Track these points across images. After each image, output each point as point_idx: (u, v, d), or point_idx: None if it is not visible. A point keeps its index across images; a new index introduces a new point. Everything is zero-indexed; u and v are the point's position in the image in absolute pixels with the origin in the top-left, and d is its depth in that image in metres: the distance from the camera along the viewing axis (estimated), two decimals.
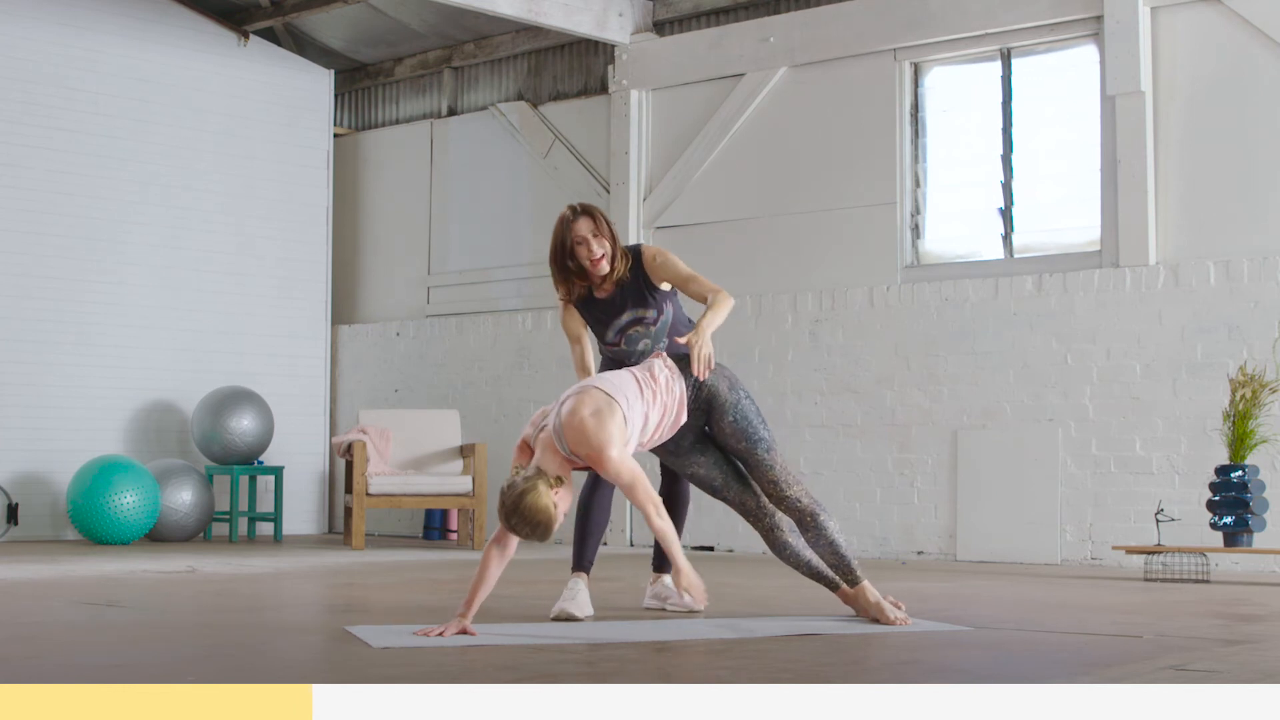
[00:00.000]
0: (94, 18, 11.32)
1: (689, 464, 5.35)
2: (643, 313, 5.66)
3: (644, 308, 5.66)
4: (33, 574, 7.65)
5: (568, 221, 5.64)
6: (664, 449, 5.34)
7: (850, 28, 10.15)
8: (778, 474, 5.28)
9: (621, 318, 5.66)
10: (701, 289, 5.56)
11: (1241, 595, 6.87)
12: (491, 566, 4.93)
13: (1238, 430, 7.87)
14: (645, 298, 5.66)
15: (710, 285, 5.56)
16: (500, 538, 4.94)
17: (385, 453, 10.69)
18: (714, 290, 5.50)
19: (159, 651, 4.59)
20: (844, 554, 5.27)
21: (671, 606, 5.80)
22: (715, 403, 5.25)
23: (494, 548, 4.94)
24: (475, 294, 12.02)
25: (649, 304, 5.67)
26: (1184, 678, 3.96)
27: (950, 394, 9.61)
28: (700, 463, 5.34)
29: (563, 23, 10.73)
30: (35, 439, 10.89)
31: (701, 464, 5.35)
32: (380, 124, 13.10)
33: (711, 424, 5.29)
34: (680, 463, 5.37)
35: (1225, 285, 8.70)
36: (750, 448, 5.27)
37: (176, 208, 11.68)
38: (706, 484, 5.38)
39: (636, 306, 5.66)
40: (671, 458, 5.37)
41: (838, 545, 5.26)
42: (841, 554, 5.27)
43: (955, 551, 9.52)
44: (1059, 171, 9.58)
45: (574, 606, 5.53)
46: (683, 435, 5.28)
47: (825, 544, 5.26)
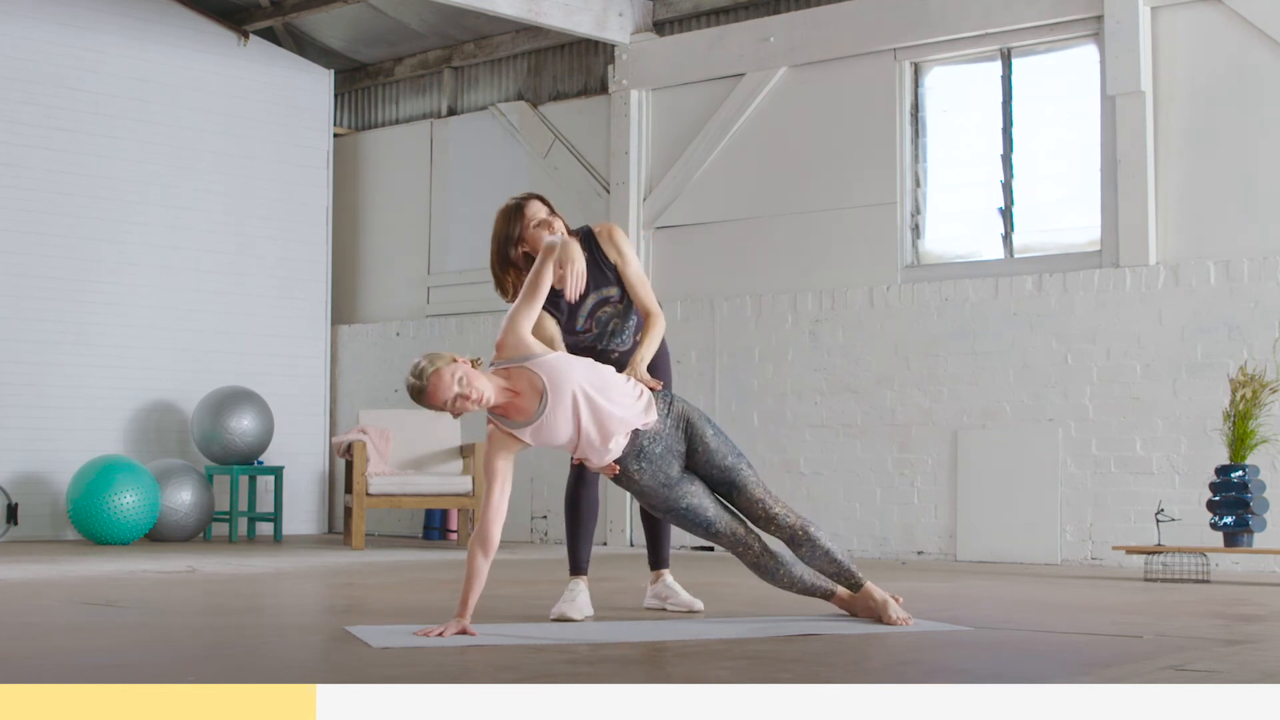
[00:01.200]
0: (94, 18, 11.32)
1: (682, 494, 5.16)
2: (607, 291, 5.60)
3: (607, 286, 5.60)
4: (33, 574, 7.65)
5: (516, 209, 5.59)
6: (654, 483, 5.13)
7: (850, 28, 10.15)
8: (763, 493, 5.19)
9: (588, 301, 5.60)
10: (641, 299, 5.53)
11: (1241, 595, 6.87)
12: (478, 563, 4.92)
13: (1238, 430, 7.87)
14: (605, 275, 5.59)
15: (650, 300, 5.53)
16: (480, 534, 4.93)
17: (385, 453, 10.69)
18: (652, 312, 5.49)
19: (159, 651, 4.59)
20: (841, 560, 5.23)
21: (672, 606, 5.80)
22: (691, 420, 5.17)
23: (476, 545, 4.93)
24: (475, 294, 12.02)
25: (610, 281, 5.60)
26: (1184, 678, 3.96)
27: (950, 394, 9.61)
28: (692, 491, 5.17)
29: (563, 23, 10.73)
30: (35, 439, 10.89)
31: (694, 493, 5.17)
32: (380, 124, 13.10)
33: (692, 447, 5.17)
34: (673, 494, 5.15)
35: (1225, 285, 8.70)
36: (735, 463, 5.17)
37: (176, 208, 11.68)
38: (700, 515, 5.17)
39: (600, 286, 5.59)
40: (664, 490, 5.14)
41: (833, 553, 5.21)
42: (839, 561, 5.23)
43: (955, 551, 9.52)
44: (1059, 171, 9.58)
45: (572, 609, 5.52)
46: (669, 464, 5.13)
47: (821, 555, 5.21)
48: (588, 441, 5.02)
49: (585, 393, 4.97)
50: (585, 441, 5.02)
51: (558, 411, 4.94)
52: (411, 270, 12.59)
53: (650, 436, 5.10)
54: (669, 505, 5.17)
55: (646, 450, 5.09)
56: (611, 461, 5.07)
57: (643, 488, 5.14)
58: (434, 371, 4.84)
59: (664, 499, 5.16)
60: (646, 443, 5.09)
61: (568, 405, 4.95)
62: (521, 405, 4.97)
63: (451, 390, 4.82)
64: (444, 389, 4.82)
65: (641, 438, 5.08)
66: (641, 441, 5.08)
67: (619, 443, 5.05)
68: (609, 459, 5.07)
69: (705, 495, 5.19)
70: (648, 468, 5.10)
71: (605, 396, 5.01)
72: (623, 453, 5.07)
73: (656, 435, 5.11)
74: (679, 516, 5.19)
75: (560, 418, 4.95)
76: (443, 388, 4.82)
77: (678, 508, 5.17)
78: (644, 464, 5.10)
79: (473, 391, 4.83)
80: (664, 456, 5.12)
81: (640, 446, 5.08)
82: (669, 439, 5.14)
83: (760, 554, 5.22)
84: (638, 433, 5.07)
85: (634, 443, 5.07)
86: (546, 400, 4.93)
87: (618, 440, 5.04)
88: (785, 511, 5.17)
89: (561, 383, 4.95)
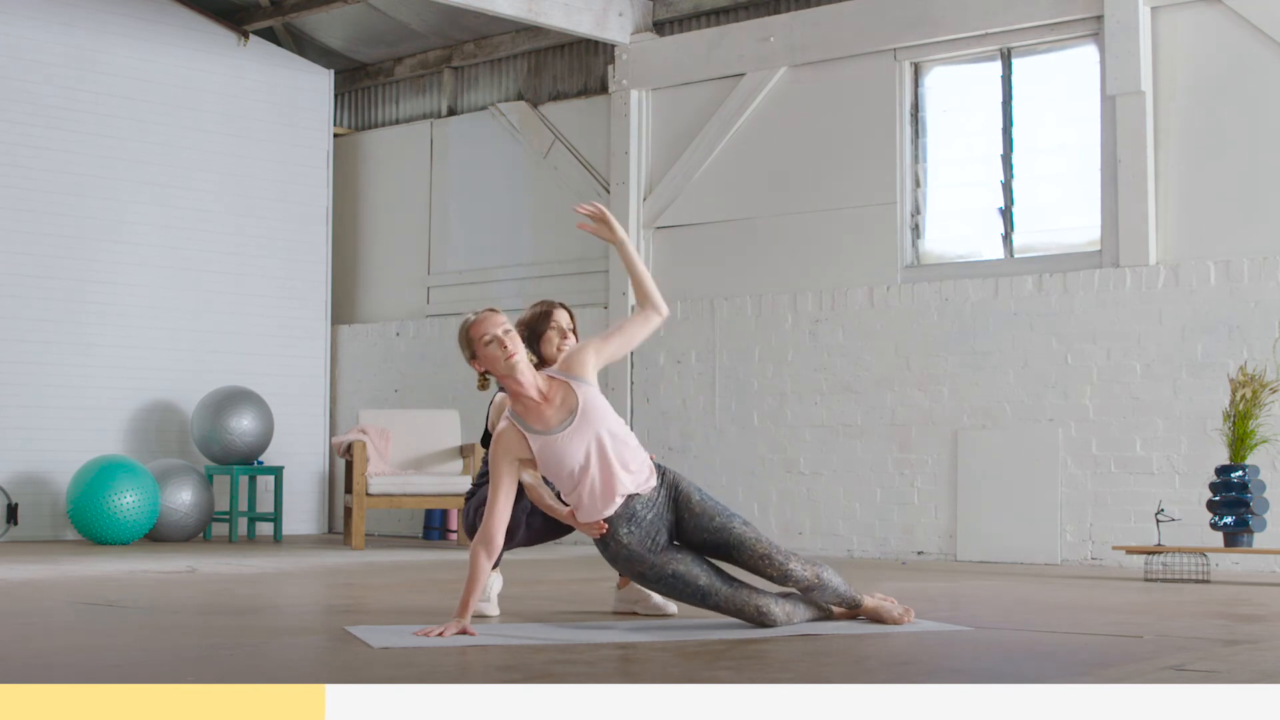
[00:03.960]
0: (94, 18, 11.32)
1: (669, 559, 5.06)
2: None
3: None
4: (33, 574, 7.65)
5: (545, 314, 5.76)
6: (641, 548, 5.05)
7: (850, 28, 10.15)
8: (766, 546, 5.05)
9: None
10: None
11: (1241, 595, 6.87)
12: (482, 563, 4.93)
13: (1238, 430, 7.87)
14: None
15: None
16: (485, 535, 4.94)
17: (385, 453, 10.69)
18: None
19: (159, 651, 4.59)
20: (845, 592, 5.21)
21: (643, 610, 5.75)
22: (679, 486, 5.14)
23: (480, 546, 4.94)
24: (475, 294, 12.02)
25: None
26: (1184, 678, 3.96)
27: (950, 394, 9.61)
28: (679, 559, 5.06)
29: (563, 23, 10.73)
30: (35, 439, 10.89)
31: (681, 559, 5.06)
32: (380, 124, 13.10)
33: (680, 515, 5.11)
34: (660, 559, 5.06)
35: (1225, 285, 8.70)
36: (726, 522, 5.08)
37: (176, 207, 11.68)
38: (690, 583, 5.05)
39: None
40: (651, 555, 5.06)
41: (839, 589, 5.18)
42: (844, 594, 5.21)
43: (955, 551, 9.52)
44: (1059, 171, 9.58)
45: (488, 606, 5.62)
46: (657, 531, 5.08)
47: (830, 593, 5.17)
48: (589, 486, 5.00)
49: (608, 437, 4.98)
50: (587, 484, 4.99)
51: (575, 438, 4.95)
52: (411, 270, 12.58)
53: (644, 502, 5.08)
54: (658, 572, 5.07)
55: (639, 515, 5.07)
56: (601, 520, 5.05)
57: (631, 552, 5.06)
58: (490, 310, 5.01)
59: (651, 564, 5.07)
60: (640, 507, 5.07)
61: (589, 437, 4.96)
62: (545, 415, 4.98)
63: (497, 329, 4.94)
64: (492, 325, 4.95)
65: (635, 502, 5.06)
66: (635, 505, 5.06)
67: (615, 504, 5.04)
68: (600, 515, 5.05)
69: (695, 563, 5.08)
70: (637, 531, 5.06)
71: (618, 452, 5.00)
72: (615, 512, 5.05)
73: (650, 501, 5.09)
74: (669, 584, 5.07)
75: (576, 444, 4.95)
76: (491, 324, 4.95)
77: (665, 573, 5.06)
78: (634, 528, 5.06)
79: (511, 344, 4.92)
80: (654, 524, 5.09)
81: (633, 510, 5.06)
82: (660, 506, 5.11)
83: (757, 615, 5.07)
84: (633, 496, 5.06)
85: (627, 505, 5.05)
86: (574, 419, 4.95)
87: (614, 503, 5.03)
88: (799, 566, 5.05)
89: (593, 413, 4.97)
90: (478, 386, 5.22)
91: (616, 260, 11.01)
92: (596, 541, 5.11)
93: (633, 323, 5.18)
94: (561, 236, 11.62)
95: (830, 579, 5.12)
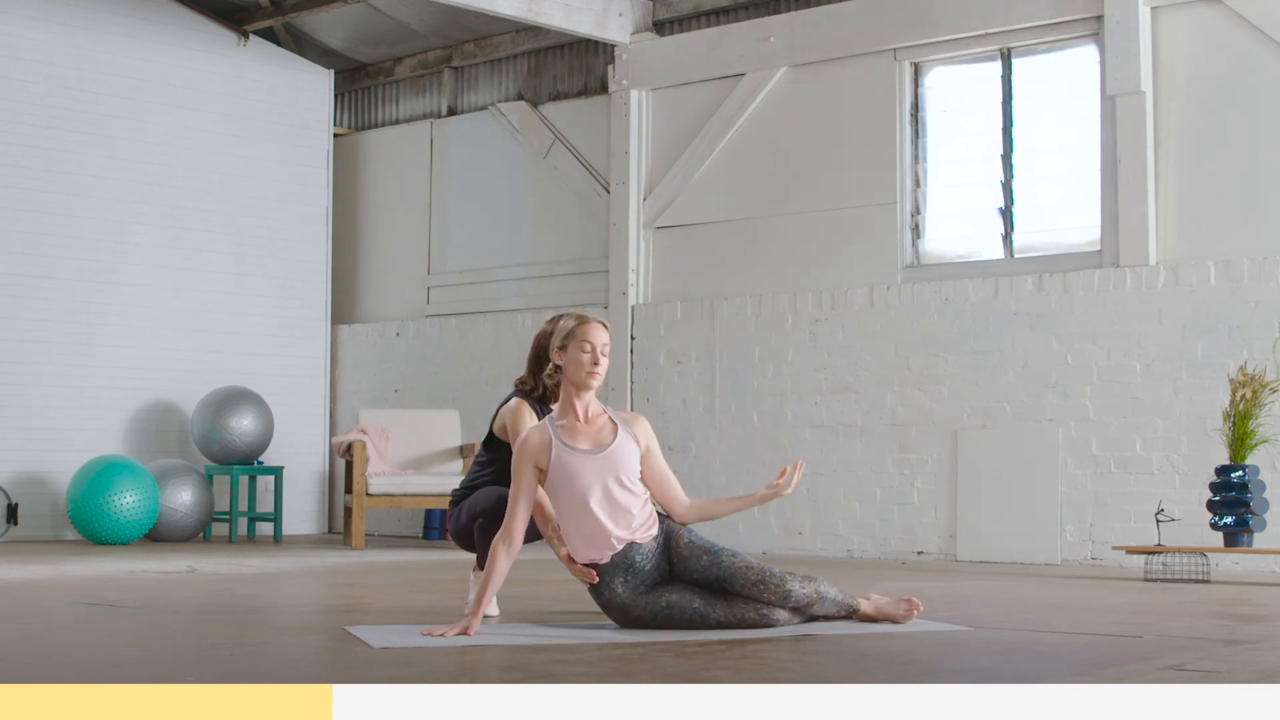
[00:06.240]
0: (94, 18, 11.32)
1: (660, 597, 5.05)
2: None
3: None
4: (33, 574, 7.65)
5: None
6: (634, 594, 5.05)
7: (850, 28, 10.15)
8: (758, 571, 5.03)
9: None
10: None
11: (1241, 595, 6.87)
12: (502, 562, 4.96)
13: (1238, 430, 7.87)
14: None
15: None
16: (506, 534, 4.96)
17: (385, 453, 10.69)
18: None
19: (159, 651, 4.59)
20: (843, 601, 5.23)
21: None
22: (672, 533, 5.15)
23: (501, 544, 4.96)
24: (475, 294, 12.02)
25: None
26: (1184, 678, 3.96)
27: (950, 394, 9.61)
28: (669, 589, 5.06)
29: (563, 23, 10.73)
30: (35, 439, 10.89)
31: (672, 590, 5.06)
32: (380, 124, 13.10)
33: (672, 562, 5.11)
34: (651, 596, 5.05)
35: (1225, 285, 8.70)
36: (714, 557, 5.07)
37: (176, 207, 11.68)
38: (686, 608, 5.03)
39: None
40: (643, 598, 5.05)
41: (837, 599, 5.19)
42: (841, 602, 5.22)
43: (955, 551, 9.52)
44: (1059, 171, 9.58)
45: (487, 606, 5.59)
46: (651, 578, 5.08)
47: (830, 604, 5.19)
48: (592, 518, 5.00)
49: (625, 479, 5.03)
50: (590, 515, 5.00)
51: (593, 465, 4.99)
52: (411, 270, 12.58)
53: (643, 552, 5.07)
54: (652, 610, 5.05)
55: (636, 565, 5.06)
56: (593, 571, 5.04)
57: (623, 601, 5.06)
58: (604, 324, 5.16)
59: (644, 605, 5.06)
60: (639, 558, 5.06)
61: (605, 473, 5.00)
62: (579, 433, 5.04)
63: (604, 341, 5.10)
64: (602, 336, 5.11)
65: (634, 552, 5.05)
66: (634, 556, 5.05)
67: (611, 549, 5.03)
68: (595, 556, 5.03)
69: (687, 590, 5.07)
70: (632, 580, 5.06)
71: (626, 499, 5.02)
72: (611, 560, 5.04)
73: (649, 553, 5.09)
74: (665, 617, 5.05)
75: (591, 473, 4.99)
76: (603, 335, 5.11)
77: (659, 607, 5.05)
78: (630, 578, 5.05)
79: (603, 365, 5.10)
80: (650, 575, 5.09)
81: (631, 560, 5.05)
82: (657, 558, 5.11)
83: (758, 618, 5.07)
84: (632, 544, 5.06)
85: (626, 554, 5.05)
86: (600, 451, 5.01)
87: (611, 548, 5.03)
88: (798, 584, 5.05)
89: (620, 455, 5.04)
90: (545, 375, 5.38)
91: (616, 260, 11.03)
92: (590, 589, 5.11)
93: (671, 482, 5.25)
94: (561, 236, 11.62)
95: (827, 591, 5.15)
